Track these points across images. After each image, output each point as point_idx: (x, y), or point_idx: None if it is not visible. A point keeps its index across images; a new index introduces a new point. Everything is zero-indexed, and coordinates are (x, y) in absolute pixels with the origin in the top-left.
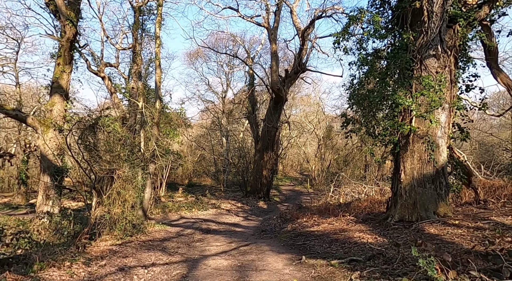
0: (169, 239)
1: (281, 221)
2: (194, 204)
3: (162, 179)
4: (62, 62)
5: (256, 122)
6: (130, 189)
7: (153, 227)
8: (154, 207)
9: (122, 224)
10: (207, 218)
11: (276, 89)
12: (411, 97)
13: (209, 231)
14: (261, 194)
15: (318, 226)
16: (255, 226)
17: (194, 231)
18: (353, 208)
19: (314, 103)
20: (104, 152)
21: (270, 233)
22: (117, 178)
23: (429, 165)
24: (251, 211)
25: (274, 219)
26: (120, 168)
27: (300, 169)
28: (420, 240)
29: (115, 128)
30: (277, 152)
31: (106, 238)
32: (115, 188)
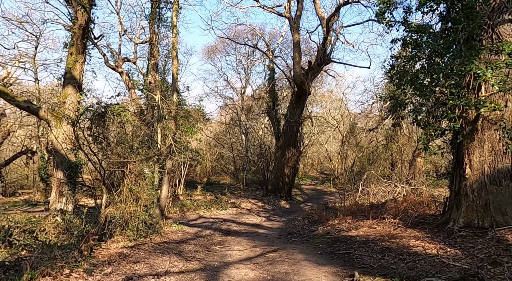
0: (186, 241)
1: (308, 223)
2: (213, 202)
3: (180, 176)
4: (75, 51)
5: (277, 118)
6: (144, 185)
7: (170, 227)
8: (171, 206)
9: (134, 224)
10: (226, 217)
11: (298, 81)
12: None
13: (229, 232)
14: (282, 193)
15: (357, 230)
16: (279, 227)
17: (214, 232)
18: (389, 209)
19: (336, 99)
20: (115, 145)
21: (298, 236)
22: (128, 173)
23: (506, 157)
24: (273, 211)
25: (299, 220)
26: (132, 162)
27: (320, 167)
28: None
29: (126, 117)
30: (300, 148)
31: (118, 239)
32: (127, 184)
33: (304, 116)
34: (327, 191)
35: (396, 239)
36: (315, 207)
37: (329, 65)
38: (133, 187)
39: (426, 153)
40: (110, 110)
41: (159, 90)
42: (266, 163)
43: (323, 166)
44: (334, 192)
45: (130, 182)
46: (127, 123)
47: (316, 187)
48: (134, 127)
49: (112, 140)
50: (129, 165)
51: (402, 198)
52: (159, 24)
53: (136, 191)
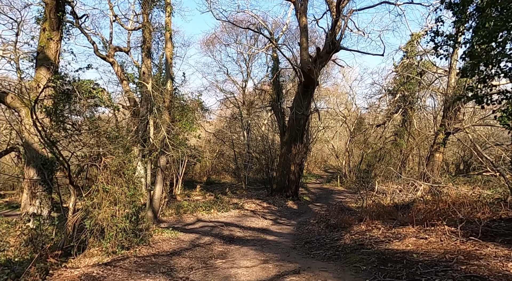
0: (180, 252)
1: (325, 227)
2: (213, 203)
3: (178, 175)
4: (48, 27)
5: (282, 112)
6: (123, 184)
7: (161, 234)
8: (167, 207)
9: (111, 234)
10: (228, 220)
11: (306, 69)
12: None
13: (232, 240)
14: (289, 192)
15: (401, 242)
16: (290, 232)
17: (214, 239)
18: (420, 211)
19: (342, 94)
20: (87, 133)
21: (319, 246)
22: (103, 168)
23: None
24: (280, 213)
25: (313, 223)
26: (108, 154)
27: (324, 166)
28: None
29: (99, 96)
30: (307, 144)
31: (93, 252)
32: (100, 182)
33: (311, 109)
34: (335, 189)
35: (479, 259)
36: (326, 207)
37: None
38: (108, 186)
39: (445, 148)
40: (77, 87)
41: (151, 78)
42: (270, 160)
43: (327, 164)
44: (343, 191)
45: (104, 180)
46: (100, 103)
47: (322, 185)
48: (110, 108)
49: (83, 127)
50: (104, 158)
51: (431, 197)
52: (151, 4)
53: (113, 191)
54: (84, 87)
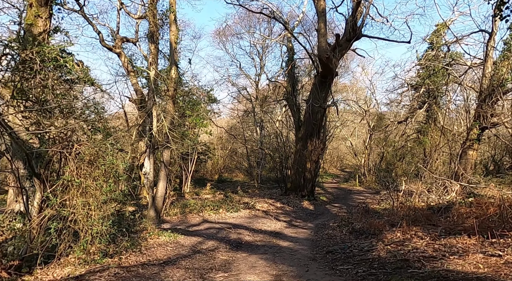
0: (175, 261)
1: (349, 233)
2: (222, 202)
3: (187, 172)
4: (35, 2)
5: (297, 105)
6: (100, 177)
7: (158, 237)
8: (172, 206)
9: (86, 240)
10: (237, 222)
11: (324, 58)
12: None
13: (240, 245)
14: (304, 191)
15: (462, 259)
16: (307, 237)
17: (218, 244)
18: (462, 215)
19: (361, 89)
20: (54, 112)
21: (345, 257)
22: (74, 157)
23: None
24: (294, 214)
25: (334, 227)
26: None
27: (340, 165)
28: None
29: (68, 64)
30: (324, 140)
31: (69, 260)
32: (71, 175)
33: (329, 102)
34: (354, 189)
35: None
36: (346, 208)
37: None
38: (81, 179)
39: (479, 144)
40: (37, 52)
41: (155, 65)
42: (284, 157)
43: (343, 163)
44: (362, 191)
45: (77, 173)
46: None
47: (339, 185)
48: (82, 80)
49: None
50: (77, 145)
51: (474, 200)
52: None
53: (88, 186)
54: (47, 53)
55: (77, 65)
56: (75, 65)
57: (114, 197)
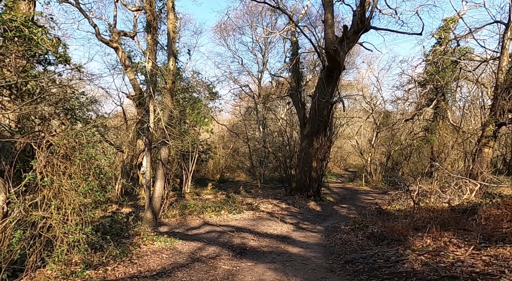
0: (169, 272)
1: (366, 238)
2: (224, 203)
3: (188, 172)
4: None
5: (301, 101)
6: (77, 175)
7: (152, 243)
8: (170, 207)
9: (61, 250)
10: (241, 224)
11: (331, 50)
12: None
13: (244, 252)
14: (310, 191)
15: None
16: (318, 242)
17: (220, 250)
18: (496, 218)
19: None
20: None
21: (370, 270)
22: (44, 150)
23: None
24: (301, 215)
25: (347, 231)
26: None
27: (344, 164)
28: None
29: (33, 36)
30: (331, 137)
31: (42, 274)
32: (40, 172)
33: (336, 97)
34: (360, 189)
35: None
36: (355, 209)
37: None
38: (52, 177)
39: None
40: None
41: (153, 55)
42: (288, 155)
43: (346, 162)
44: (369, 191)
45: (45, 168)
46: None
47: (344, 185)
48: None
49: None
50: (48, 135)
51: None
52: None
53: (62, 187)
54: (11, 23)
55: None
56: (46, 38)
57: (95, 198)
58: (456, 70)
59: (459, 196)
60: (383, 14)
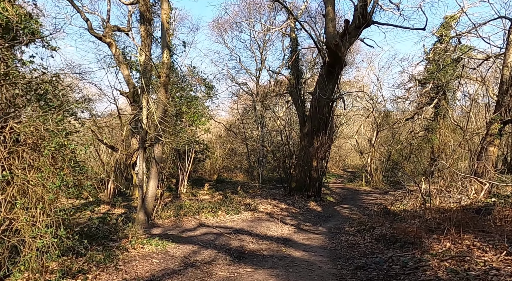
0: (160, 279)
1: (374, 240)
2: (221, 204)
3: (184, 172)
4: None
5: (301, 99)
6: (46, 169)
7: (142, 246)
8: (165, 208)
9: (29, 257)
10: (239, 226)
11: (333, 45)
12: None
13: (242, 256)
14: (310, 191)
15: None
16: (322, 245)
17: (216, 254)
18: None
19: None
20: None
21: (385, 278)
22: (8, 139)
23: None
24: (302, 216)
25: (352, 233)
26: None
27: (343, 165)
28: None
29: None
30: (331, 135)
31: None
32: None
33: (337, 94)
34: (361, 189)
35: None
36: (357, 210)
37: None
38: (17, 171)
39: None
40: None
41: (146, 48)
42: (288, 155)
43: (345, 162)
44: (370, 191)
45: (10, 160)
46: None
47: (344, 185)
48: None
49: None
50: (12, 122)
51: None
52: None
53: (30, 181)
54: None
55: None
56: (10, 7)
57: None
58: (457, 68)
59: (467, 195)
60: (384, 10)
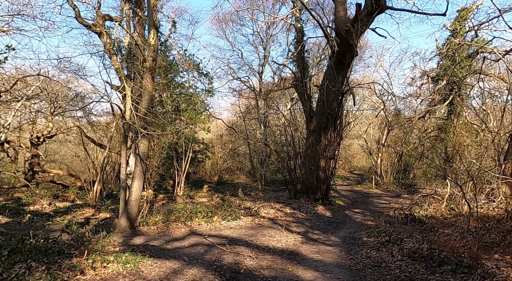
0: None
1: (409, 258)
2: (218, 208)
3: (181, 172)
4: None
5: (307, 93)
6: None
7: (105, 265)
8: (153, 213)
9: None
10: (236, 234)
11: (343, 30)
12: None
13: (237, 278)
14: (318, 194)
15: None
16: (339, 262)
17: (204, 274)
18: None
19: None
20: None
21: None
22: None
23: None
24: (309, 222)
25: (375, 246)
26: None
27: (349, 167)
28: None
29: None
30: (341, 132)
31: None
32: None
33: (348, 86)
34: (371, 192)
35: None
36: (370, 215)
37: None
38: None
39: None
40: None
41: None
42: (293, 154)
43: (351, 164)
44: (381, 194)
45: None
46: None
47: (352, 187)
48: None
49: None
50: None
51: None
52: None
53: None
54: None
55: None
56: None
57: None
58: (474, 62)
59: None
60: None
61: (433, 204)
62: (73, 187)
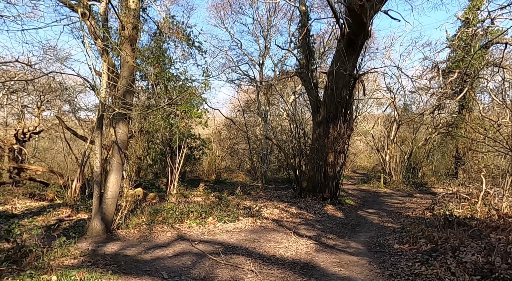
0: None
1: (479, 276)
2: (214, 207)
3: (174, 169)
4: None
5: (313, 81)
6: None
7: None
8: (137, 213)
9: None
10: (234, 239)
11: (357, 6)
12: None
13: None
14: (326, 192)
15: None
16: (368, 279)
17: None
18: None
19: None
20: None
21: None
22: None
23: None
24: (320, 224)
25: (415, 256)
26: None
27: (351, 166)
28: None
29: None
30: (351, 123)
31: None
32: None
33: (360, 71)
34: (380, 191)
35: None
36: (386, 215)
37: None
38: None
39: None
40: None
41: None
42: (298, 148)
43: (354, 164)
44: (391, 193)
45: None
46: None
47: (358, 186)
48: None
49: None
50: None
51: None
52: None
53: None
54: None
55: None
56: None
57: None
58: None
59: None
60: None
61: (462, 204)
62: (54, 185)
